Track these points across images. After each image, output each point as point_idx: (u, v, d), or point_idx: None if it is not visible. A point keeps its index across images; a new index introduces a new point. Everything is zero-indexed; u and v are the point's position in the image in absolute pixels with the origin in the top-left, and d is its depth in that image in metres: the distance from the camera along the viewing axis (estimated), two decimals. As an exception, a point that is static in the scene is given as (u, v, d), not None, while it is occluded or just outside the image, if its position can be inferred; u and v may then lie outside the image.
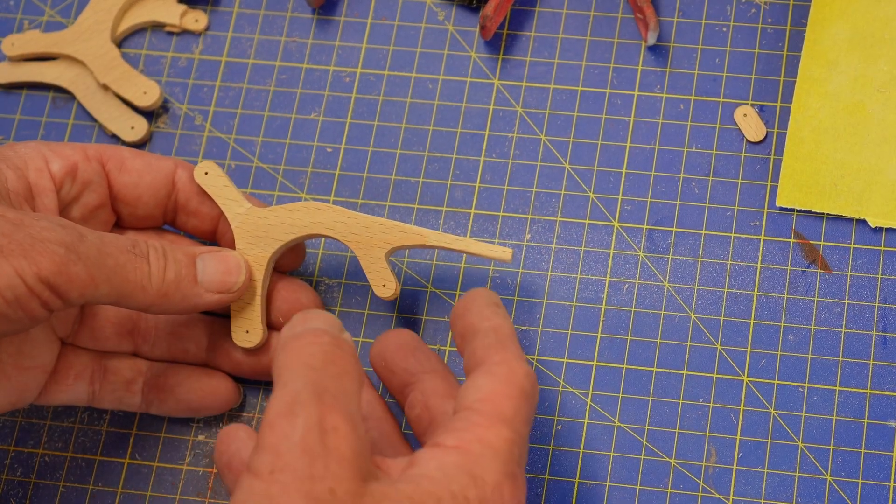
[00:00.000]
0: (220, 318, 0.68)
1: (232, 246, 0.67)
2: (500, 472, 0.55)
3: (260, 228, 0.66)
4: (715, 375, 0.68)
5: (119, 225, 0.68)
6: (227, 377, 0.67)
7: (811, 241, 0.70)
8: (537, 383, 0.58)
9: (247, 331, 0.66)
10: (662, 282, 0.70)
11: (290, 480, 0.50)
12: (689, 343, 0.68)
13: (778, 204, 0.70)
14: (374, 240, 0.65)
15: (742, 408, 0.67)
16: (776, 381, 0.67)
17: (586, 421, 0.67)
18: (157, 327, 0.67)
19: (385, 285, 0.65)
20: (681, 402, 0.67)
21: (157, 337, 0.67)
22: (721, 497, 0.66)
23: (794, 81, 0.72)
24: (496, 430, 0.55)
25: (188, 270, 0.63)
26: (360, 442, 0.52)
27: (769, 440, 0.66)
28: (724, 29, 0.74)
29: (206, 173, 0.67)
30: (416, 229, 0.65)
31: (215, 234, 0.68)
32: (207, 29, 0.77)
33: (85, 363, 0.66)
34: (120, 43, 0.77)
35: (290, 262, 0.68)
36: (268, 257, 0.66)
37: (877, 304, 0.68)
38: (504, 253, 0.65)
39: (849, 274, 0.69)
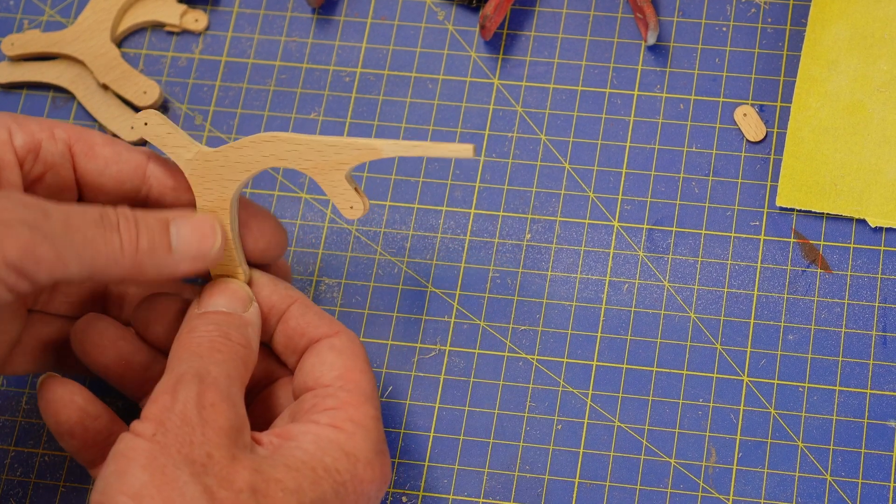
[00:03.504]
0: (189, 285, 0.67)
1: None
2: (370, 449, 0.60)
3: (213, 171, 0.63)
4: (715, 375, 0.68)
5: None
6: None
7: (811, 241, 0.70)
8: None
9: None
10: (662, 282, 0.70)
11: (170, 443, 0.55)
12: (689, 343, 0.68)
13: (778, 204, 0.70)
14: (329, 163, 0.63)
15: (742, 408, 0.67)
16: (776, 381, 0.67)
17: (586, 421, 0.67)
18: (127, 292, 0.66)
19: (353, 207, 0.63)
20: (681, 402, 0.67)
21: (127, 302, 0.66)
22: (721, 497, 0.66)
23: (794, 81, 0.72)
24: (364, 408, 0.60)
25: (161, 238, 0.60)
26: (237, 418, 0.57)
27: (769, 440, 0.66)
28: (724, 29, 0.74)
29: (146, 123, 0.63)
30: (369, 142, 0.62)
31: None
32: (207, 29, 0.77)
33: (52, 332, 0.65)
34: (120, 43, 0.77)
35: (272, 244, 0.66)
36: (229, 199, 0.63)
37: (877, 304, 0.68)
38: (465, 149, 0.61)
39: (849, 274, 0.69)
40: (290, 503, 0.56)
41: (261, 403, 0.65)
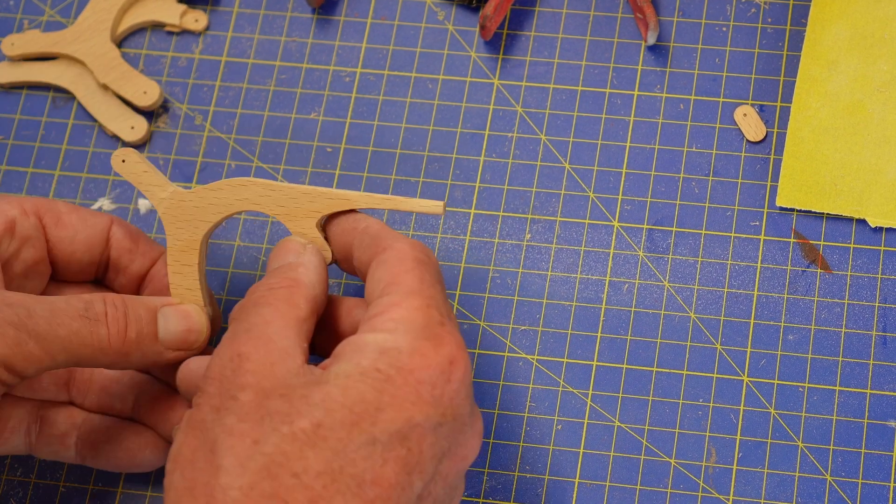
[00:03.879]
0: (149, 375, 0.67)
1: (161, 292, 0.66)
2: (415, 337, 0.56)
3: (186, 212, 0.64)
4: (715, 375, 0.68)
5: (53, 278, 0.67)
6: (154, 434, 0.66)
7: (811, 241, 0.70)
8: (427, 248, 0.60)
9: None
10: (662, 282, 0.70)
11: (202, 401, 0.56)
12: (689, 343, 0.68)
13: (778, 204, 0.70)
14: (301, 210, 0.63)
15: (742, 408, 0.67)
16: (776, 381, 0.67)
17: (586, 421, 0.67)
18: (91, 380, 0.66)
19: (324, 250, 0.64)
20: (681, 402, 0.67)
21: (89, 389, 0.66)
22: (721, 497, 0.66)
23: (794, 81, 0.72)
24: (407, 303, 0.57)
25: (150, 328, 0.62)
26: (270, 353, 0.56)
27: (769, 440, 0.66)
28: (724, 29, 0.74)
29: (124, 161, 0.64)
30: (341, 193, 0.63)
31: (140, 293, 0.67)
32: (207, 29, 0.77)
33: (21, 415, 0.65)
34: (120, 43, 0.77)
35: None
36: (199, 240, 0.64)
37: (877, 304, 0.68)
38: (434, 206, 0.62)
39: (849, 274, 0.69)
40: (314, 413, 0.54)
41: (334, 329, 0.64)
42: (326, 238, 0.63)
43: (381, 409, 0.54)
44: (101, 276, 0.68)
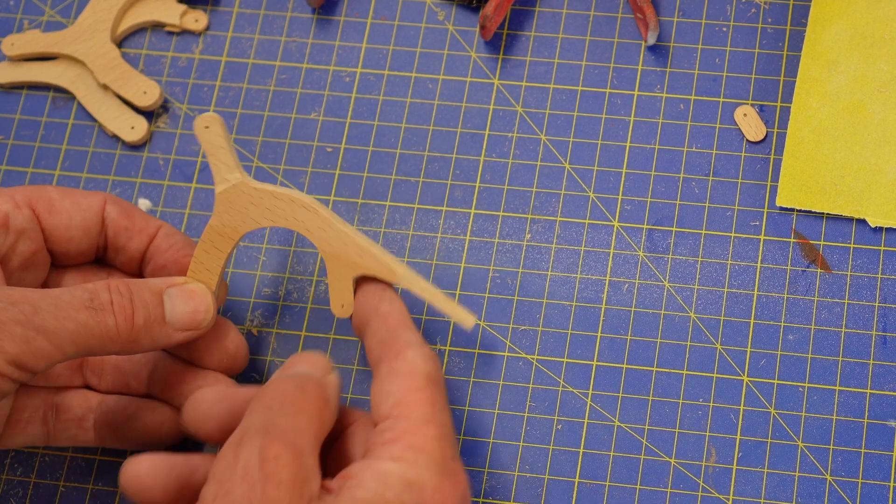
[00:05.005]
0: (161, 351, 0.67)
1: (163, 267, 0.66)
2: (437, 473, 0.57)
3: (242, 203, 0.64)
4: (715, 375, 0.68)
5: (54, 264, 0.67)
6: (171, 409, 0.66)
7: (811, 241, 0.70)
8: (438, 362, 0.60)
9: None
10: (662, 282, 0.70)
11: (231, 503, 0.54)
12: (689, 343, 0.68)
13: (778, 204, 0.70)
14: (346, 258, 0.63)
15: (742, 408, 0.67)
16: (776, 381, 0.67)
17: (586, 421, 0.67)
18: (104, 361, 0.66)
19: (343, 306, 0.64)
20: (681, 401, 0.67)
21: (103, 371, 0.66)
22: (721, 497, 0.66)
23: (794, 81, 0.72)
24: (423, 432, 0.57)
25: (156, 312, 0.62)
26: (304, 469, 0.55)
27: (769, 440, 0.66)
28: (724, 29, 0.74)
29: (207, 127, 0.64)
30: (391, 263, 0.63)
31: (141, 271, 0.67)
32: (207, 29, 0.77)
33: (37, 404, 0.65)
34: (120, 43, 0.77)
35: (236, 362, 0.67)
36: (241, 233, 0.64)
37: (877, 304, 0.68)
38: (467, 319, 0.63)
39: (849, 274, 0.69)
40: None
41: (340, 447, 0.63)
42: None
43: None
44: (101, 255, 0.67)
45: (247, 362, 0.67)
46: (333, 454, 0.62)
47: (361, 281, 0.64)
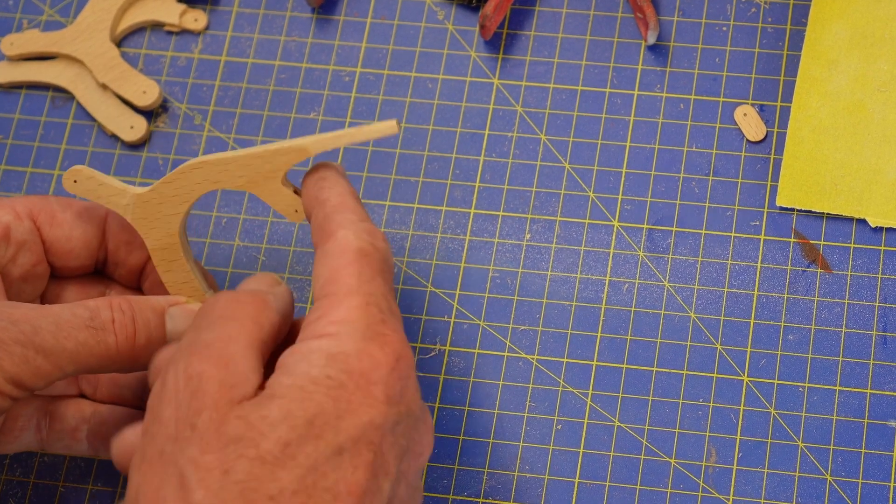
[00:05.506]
0: None
1: (159, 288, 0.65)
2: (360, 338, 0.55)
3: (153, 211, 0.63)
4: (715, 375, 0.68)
5: (53, 276, 0.67)
6: None
7: (811, 241, 0.70)
8: (376, 234, 0.58)
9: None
10: (662, 282, 0.70)
11: (156, 430, 0.54)
12: (689, 343, 0.68)
13: (778, 204, 0.70)
14: (261, 174, 0.62)
15: (742, 408, 0.67)
16: (776, 381, 0.67)
17: (586, 421, 0.67)
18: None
19: (297, 210, 0.62)
20: (681, 402, 0.67)
21: (99, 381, 0.66)
22: (721, 497, 0.66)
23: (794, 81, 0.72)
24: (346, 303, 0.55)
25: (158, 332, 0.61)
26: (231, 375, 0.54)
27: (769, 440, 0.66)
28: (724, 28, 0.74)
29: (75, 181, 0.63)
30: (293, 144, 0.61)
31: (140, 284, 0.67)
32: (207, 28, 0.77)
33: (30, 412, 0.65)
34: (119, 42, 0.77)
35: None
36: (176, 232, 0.63)
37: (877, 304, 0.68)
38: (388, 127, 0.60)
39: (849, 274, 0.69)
40: (278, 433, 0.52)
41: None
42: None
43: (341, 416, 0.53)
44: (101, 268, 0.67)
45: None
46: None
47: (303, 183, 0.62)
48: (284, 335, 0.59)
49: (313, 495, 0.52)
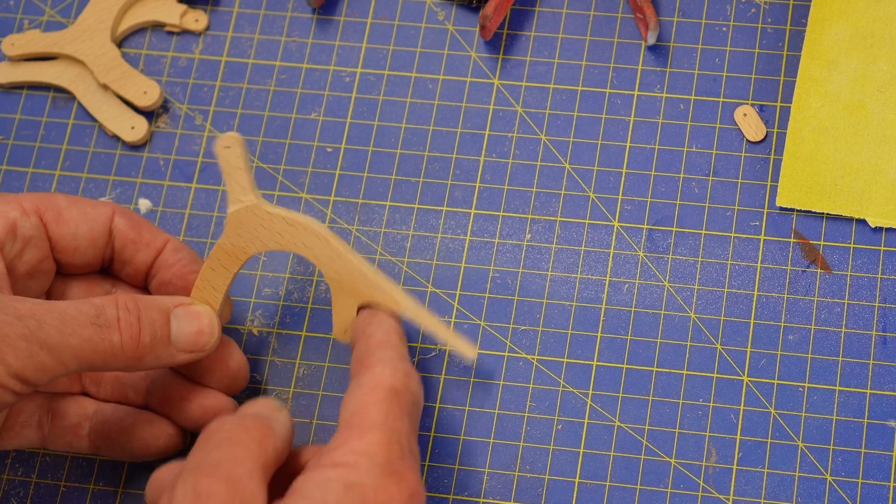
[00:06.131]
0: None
1: (168, 282, 0.66)
2: (378, 473, 0.56)
3: (252, 226, 0.64)
4: (715, 375, 0.68)
5: (59, 273, 0.67)
6: (168, 422, 0.66)
7: (811, 241, 0.70)
8: (413, 376, 0.60)
9: None
10: (662, 282, 0.70)
11: None
12: (689, 343, 0.68)
13: (778, 204, 0.70)
14: (352, 287, 0.63)
15: (742, 408, 0.67)
16: (776, 381, 0.68)
17: (586, 421, 0.67)
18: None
19: (346, 332, 0.64)
20: (681, 402, 0.67)
21: (102, 380, 0.66)
22: (721, 497, 0.66)
23: (794, 81, 0.72)
24: (368, 437, 0.57)
25: (163, 332, 0.62)
26: (239, 495, 0.54)
27: (769, 440, 0.66)
28: (724, 29, 0.74)
29: (228, 147, 0.64)
30: (394, 294, 0.63)
31: (147, 284, 0.67)
32: (207, 29, 0.77)
33: (32, 409, 0.65)
34: (120, 43, 0.77)
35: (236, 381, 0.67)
36: (249, 254, 0.64)
37: (877, 304, 0.68)
38: (468, 350, 0.64)
39: (849, 274, 0.69)
40: None
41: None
42: None
43: None
44: (107, 266, 0.67)
45: (247, 382, 0.67)
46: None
47: (361, 308, 0.64)
48: (284, 460, 0.60)
49: None
